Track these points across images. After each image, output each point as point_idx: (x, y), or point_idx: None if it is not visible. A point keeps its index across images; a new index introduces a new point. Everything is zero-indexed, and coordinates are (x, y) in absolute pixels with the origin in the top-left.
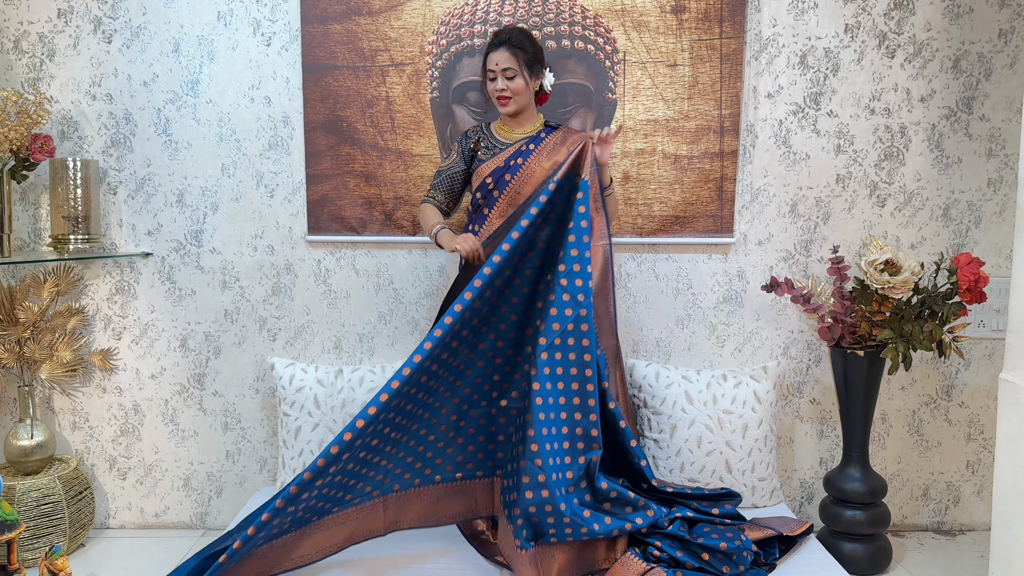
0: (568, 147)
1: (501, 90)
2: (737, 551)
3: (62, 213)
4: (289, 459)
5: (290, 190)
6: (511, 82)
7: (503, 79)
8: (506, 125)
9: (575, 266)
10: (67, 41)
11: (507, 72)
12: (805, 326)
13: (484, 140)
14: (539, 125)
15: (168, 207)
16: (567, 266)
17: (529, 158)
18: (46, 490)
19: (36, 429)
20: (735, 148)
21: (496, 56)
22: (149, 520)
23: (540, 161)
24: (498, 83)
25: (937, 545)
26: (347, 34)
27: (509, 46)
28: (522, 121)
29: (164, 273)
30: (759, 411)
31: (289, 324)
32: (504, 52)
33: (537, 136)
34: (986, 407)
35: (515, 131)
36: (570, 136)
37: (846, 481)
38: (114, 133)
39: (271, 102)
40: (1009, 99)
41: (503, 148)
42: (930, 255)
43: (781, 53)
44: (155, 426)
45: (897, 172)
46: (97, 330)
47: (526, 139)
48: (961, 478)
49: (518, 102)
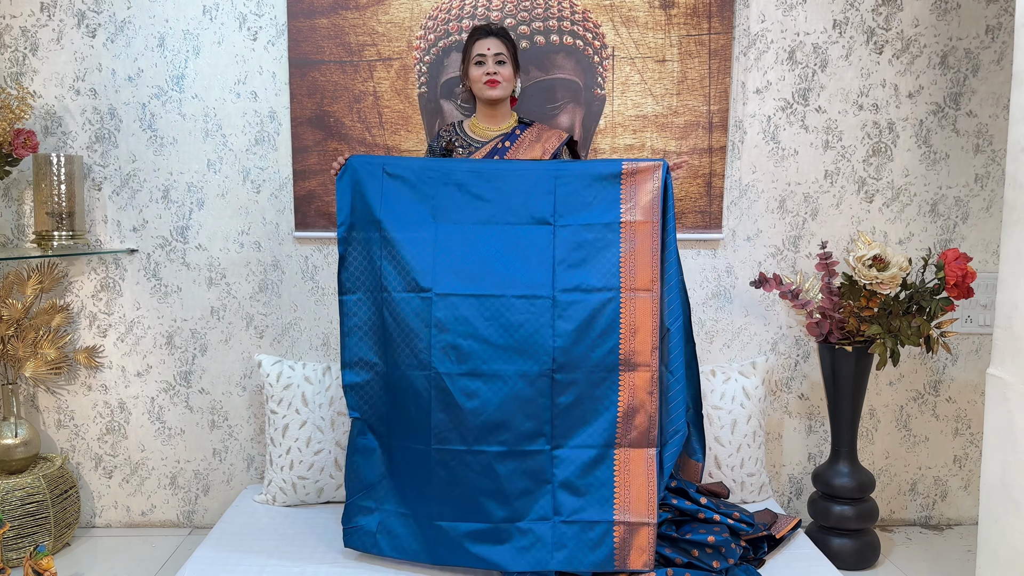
0: (543, 144)
1: (492, 73)
2: (726, 543)
3: (46, 209)
4: (276, 457)
5: (277, 186)
6: (501, 67)
7: (493, 63)
8: (481, 122)
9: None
10: (50, 35)
11: (498, 57)
12: (793, 322)
13: (458, 140)
14: (513, 122)
15: (153, 203)
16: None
17: (506, 156)
18: (31, 489)
19: (20, 427)
20: (723, 144)
21: (488, 42)
22: (135, 519)
23: (522, 155)
24: (488, 66)
25: (924, 540)
26: (334, 28)
27: (501, 37)
28: (498, 118)
29: (150, 270)
30: (748, 407)
31: (276, 321)
32: (496, 40)
33: (512, 133)
34: (973, 402)
35: (490, 128)
36: (544, 133)
37: (834, 476)
38: (98, 128)
39: (257, 97)
40: (996, 95)
41: (479, 146)
42: (918, 251)
43: (770, 49)
44: (141, 424)
45: (885, 168)
46: (82, 327)
47: (501, 136)
48: (948, 473)
49: (504, 89)
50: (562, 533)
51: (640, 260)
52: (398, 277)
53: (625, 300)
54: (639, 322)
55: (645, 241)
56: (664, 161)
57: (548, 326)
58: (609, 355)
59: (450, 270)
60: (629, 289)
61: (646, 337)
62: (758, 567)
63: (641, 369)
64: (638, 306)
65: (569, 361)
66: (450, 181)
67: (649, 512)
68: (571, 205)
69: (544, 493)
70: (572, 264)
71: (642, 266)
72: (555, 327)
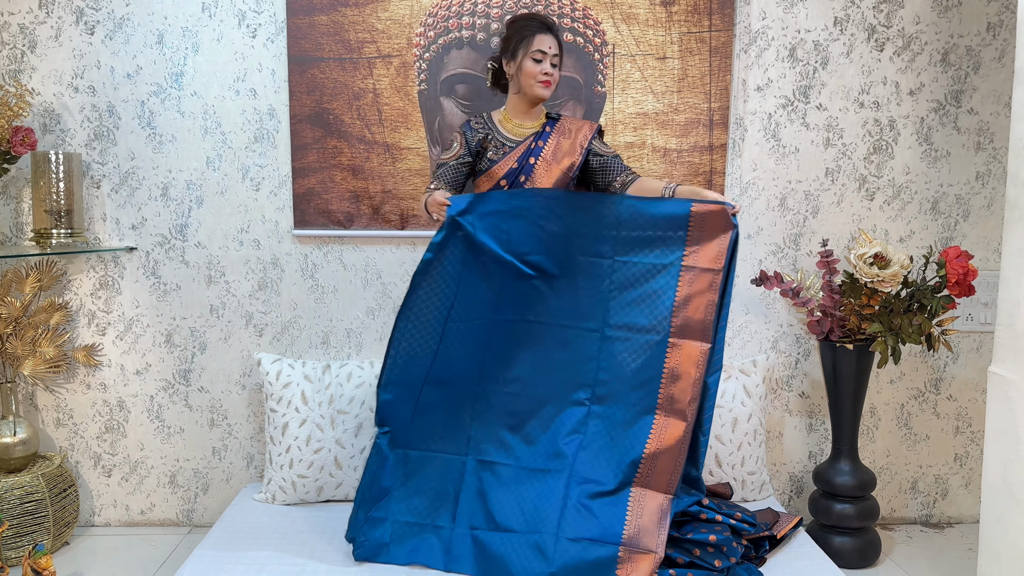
0: (574, 138)
1: (548, 73)
2: (727, 542)
3: (44, 207)
4: (276, 455)
5: (276, 183)
6: (555, 70)
7: (550, 63)
8: (514, 118)
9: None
10: (49, 32)
11: (555, 59)
12: (794, 320)
13: (492, 137)
14: (543, 119)
15: (152, 201)
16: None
17: (540, 155)
18: (29, 488)
19: (19, 426)
20: (724, 142)
21: (549, 40)
22: (134, 518)
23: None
24: (546, 65)
25: (925, 538)
26: (333, 25)
27: (557, 36)
28: (533, 114)
29: (149, 268)
30: (748, 405)
31: (276, 319)
32: (555, 40)
33: (543, 131)
34: (974, 400)
35: (524, 125)
36: (572, 125)
37: (835, 475)
38: (97, 126)
39: (256, 94)
40: (997, 92)
41: (513, 146)
42: (919, 248)
43: (770, 46)
44: (140, 423)
45: (886, 166)
46: (81, 325)
47: (533, 135)
48: (949, 471)
49: (552, 91)
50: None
51: (694, 306)
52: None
53: (672, 345)
54: (683, 369)
55: (703, 288)
56: (736, 220)
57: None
58: (646, 398)
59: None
60: (678, 335)
61: (686, 387)
62: (759, 566)
63: (675, 417)
64: (683, 353)
65: (608, 394)
66: (521, 215)
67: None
68: (632, 242)
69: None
70: (625, 303)
71: (695, 312)
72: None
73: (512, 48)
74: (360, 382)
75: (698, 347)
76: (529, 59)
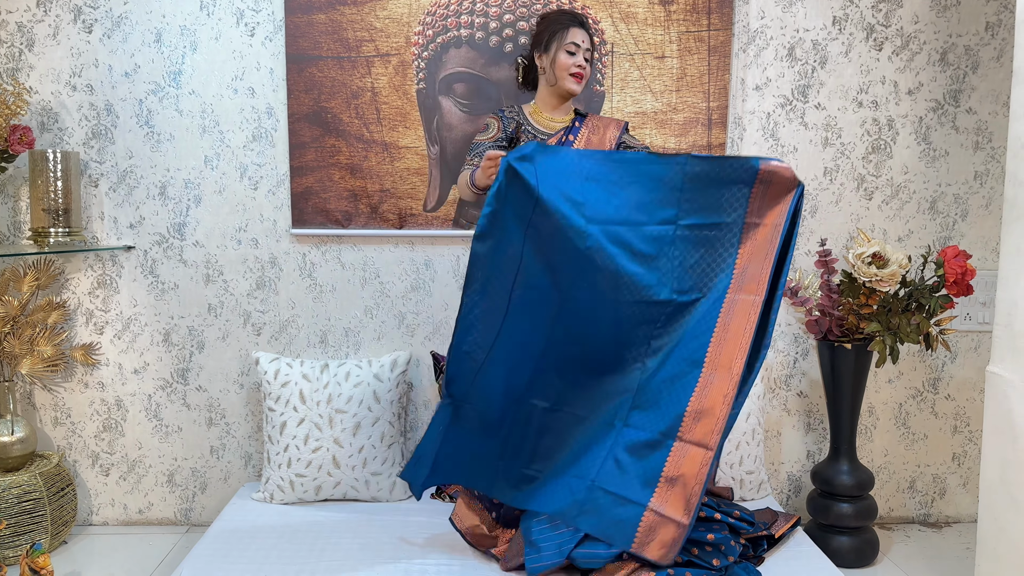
0: (603, 135)
1: (581, 66)
2: (725, 541)
3: (42, 206)
4: (274, 455)
5: (274, 182)
6: (588, 64)
7: (582, 57)
8: (545, 111)
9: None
10: (46, 31)
11: (587, 54)
12: (793, 319)
13: (524, 128)
14: (572, 114)
15: (150, 200)
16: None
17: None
18: (27, 487)
19: (17, 425)
20: (723, 141)
21: (582, 34)
22: (132, 517)
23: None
24: (579, 59)
25: (923, 537)
26: (332, 24)
27: (588, 31)
28: (563, 109)
29: (147, 267)
30: (747, 404)
31: (274, 318)
32: (586, 34)
33: (573, 126)
34: (972, 400)
35: (555, 118)
36: (600, 123)
37: (833, 474)
38: (95, 124)
39: (255, 93)
40: (996, 92)
41: (544, 138)
42: (917, 248)
43: (769, 45)
44: (138, 421)
45: (884, 165)
46: (79, 324)
47: (564, 129)
48: (947, 470)
49: (582, 86)
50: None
51: (753, 265)
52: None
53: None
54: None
55: (763, 246)
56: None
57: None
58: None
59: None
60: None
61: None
62: (757, 565)
63: (720, 373)
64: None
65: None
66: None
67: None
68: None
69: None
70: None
71: (753, 273)
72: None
73: (545, 41)
74: (358, 381)
75: (751, 302)
76: (563, 51)
